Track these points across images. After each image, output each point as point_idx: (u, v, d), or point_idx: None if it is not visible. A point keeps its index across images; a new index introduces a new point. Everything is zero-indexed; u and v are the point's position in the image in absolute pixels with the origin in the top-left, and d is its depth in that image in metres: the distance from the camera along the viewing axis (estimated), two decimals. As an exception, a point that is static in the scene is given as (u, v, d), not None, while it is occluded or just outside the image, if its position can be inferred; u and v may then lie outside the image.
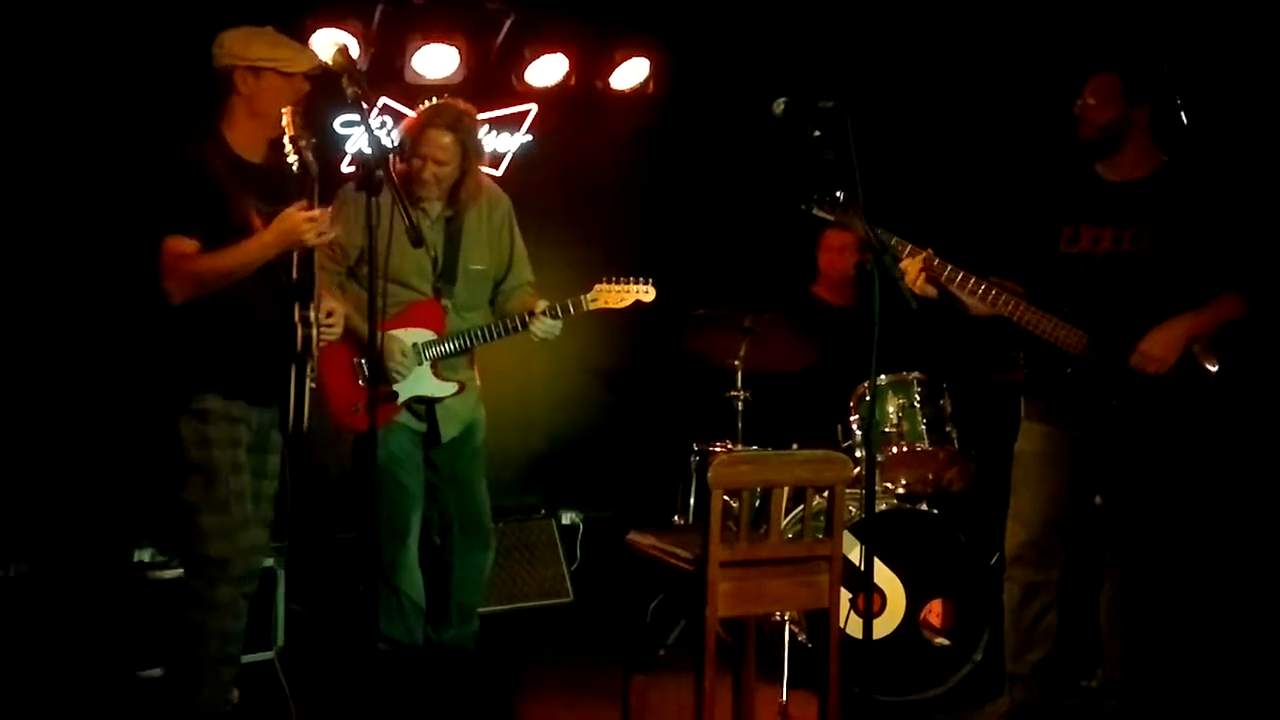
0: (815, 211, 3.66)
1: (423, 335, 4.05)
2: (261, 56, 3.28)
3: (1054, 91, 3.73)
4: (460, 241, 4.12)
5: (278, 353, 3.36)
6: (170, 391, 3.31)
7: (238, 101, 3.31)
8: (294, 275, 3.36)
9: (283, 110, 3.30)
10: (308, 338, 3.34)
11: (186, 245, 3.24)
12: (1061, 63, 3.88)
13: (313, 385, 3.43)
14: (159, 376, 3.35)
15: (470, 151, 4.02)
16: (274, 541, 3.71)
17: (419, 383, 4.05)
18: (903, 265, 3.57)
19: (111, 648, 4.13)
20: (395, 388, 4.00)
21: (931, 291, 3.61)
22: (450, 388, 4.09)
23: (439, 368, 4.08)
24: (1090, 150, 3.67)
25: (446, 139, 3.94)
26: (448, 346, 4.07)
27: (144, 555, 4.45)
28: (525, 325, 4.08)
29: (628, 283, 4.23)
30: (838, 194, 3.60)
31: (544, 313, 4.06)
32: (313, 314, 3.37)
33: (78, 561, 4.31)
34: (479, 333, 4.12)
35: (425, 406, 4.11)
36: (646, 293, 4.25)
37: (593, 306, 4.18)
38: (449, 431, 4.13)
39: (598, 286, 4.18)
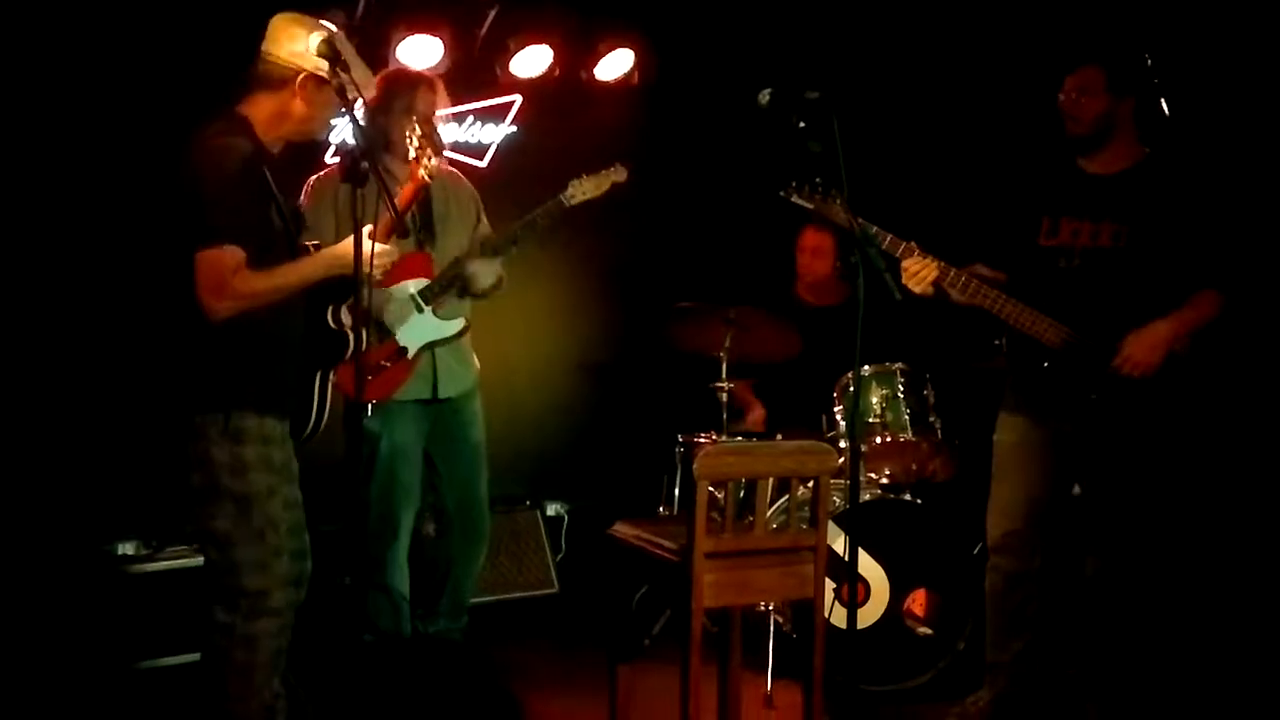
0: (794, 199, 3.66)
1: (417, 284, 4.02)
2: (318, 53, 3.03)
3: (1035, 83, 3.74)
4: (431, 200, 4.09)
5: (309, 360, 3.21)
6: (199, 410, 3.02)
7: (284, 101, 3.09)
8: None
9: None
10: (344, 338, 3.19)
11: (231, 258, 2.93)
12: (1043, 55, 3.89)
13: (334, 380, 3.29)
14: (178, 387, 3.06)
15: (443, 101, 4.07)
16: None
17: (425, 328, 4.03)
18: (907, 265, 3.58)
19: (105, 641, 4.12)
20: (402, 340, 3.98)
21: (930, 291, 3.62)
22: (457, 324, 4.08)
23: (440, 310, 4.07)
24: (1076, 145, 3.68)
25: (435, 96, 3.96)
26: (442, 284, 4.05)
27: (127, 548, 4.44)
28: (514, 241, 4.07)
29: (600, 171, 4.19)
30: (816, 181, 3.61)
31: (525, 225, 4.06)
32: (345, 315, 3.22)
33: (60, 556, 4.29)
34: (469, 252, 4.09)
35: (430, 360, 4.07)
36: (619, 173, 4.22)
37: (573, 203, 4.13)
38: (448, 389, 4.10)
39: (572, 183, 4.14)
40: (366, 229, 3.04)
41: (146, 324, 3.25)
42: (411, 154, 3.56)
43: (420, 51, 5.05)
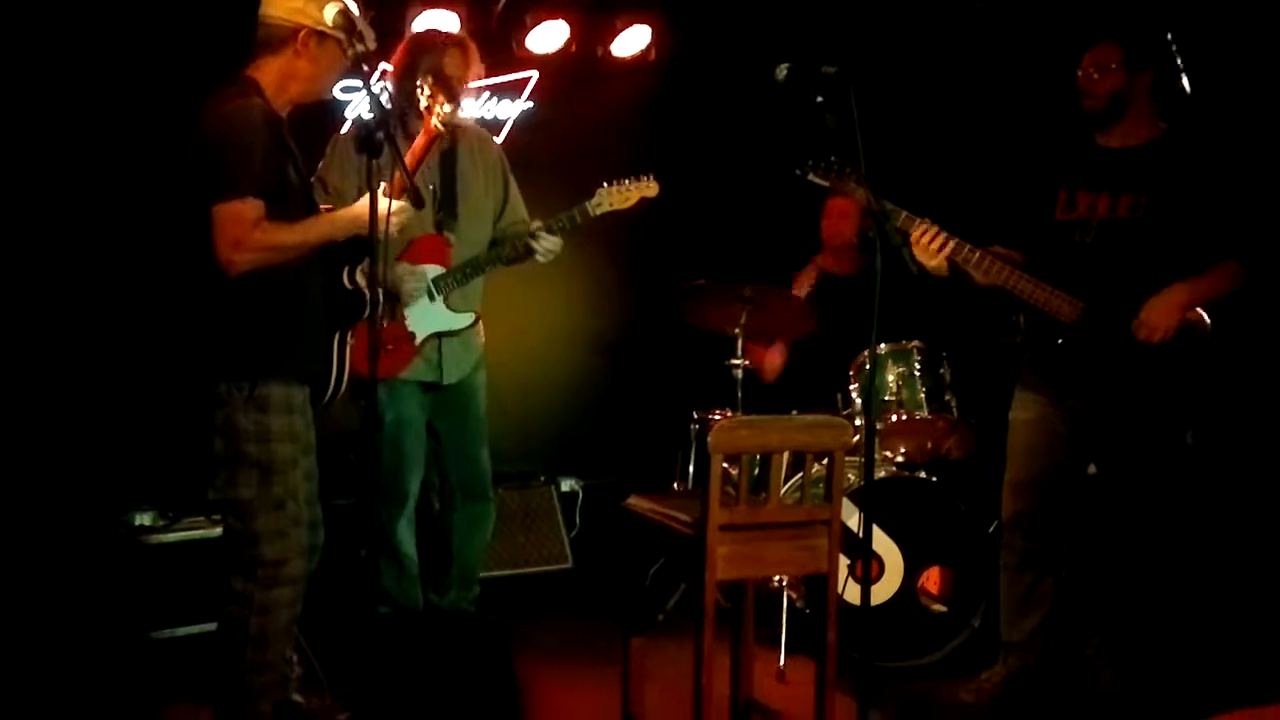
0: (811, 177, 3.66)
1: (431, 270, 4.00)
2: (334, 24, 3.03)
3: (1051, 59, 3.71)
4: (457, 172, 4.09)
5: (329, 323, 3.22)
6: (225, 377, 3.03)
7: (289, 61, 3.07)
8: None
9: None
10: (360, 297, 3.18)
11: (252, 210, 2.94)
12: (1059, 30, 3.87)
13: (352, 343, 3.28)
14: (201, 356, 3.05)
15: (472, 62, 4.00)
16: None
17: (433, 318, 4.02)
18: (916, 236, 3.57)
19: (122, 611, 4.15)
20: (411, 326, 3.98)
21: (944, 267, 3.60)
22: (466, 318, 4.07)
23: (451, 301, 4.07)
24: (1092, 120, 3.66)
25: (466, 57, 3.94)
26: (456, 279, 4.04)
27: (144, 519, 4.46)
28: (530, 249, 4.04)
29: (629, 181, 4.13)
30: (832, 159, 3.60)
31: (545, 229, 4.02)
32: (360, 276, 3.23)
33: (77, 526, 4.32)
34: (486, 259, 4.08)
35: (436, 346, 4.07)
36: (649, 187, 4.16)
37: (599, 212, 4.09)
38: (452, 374, 4.09)
39: (600, 190, 4.09)
40: (381, 186, 3.02)
41: (166, 292, 3.25)
42: (423, 104, 3.53)
43: (437, 26, 5.03)
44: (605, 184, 4.11)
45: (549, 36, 5.38)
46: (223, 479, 3.07)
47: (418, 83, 3.60)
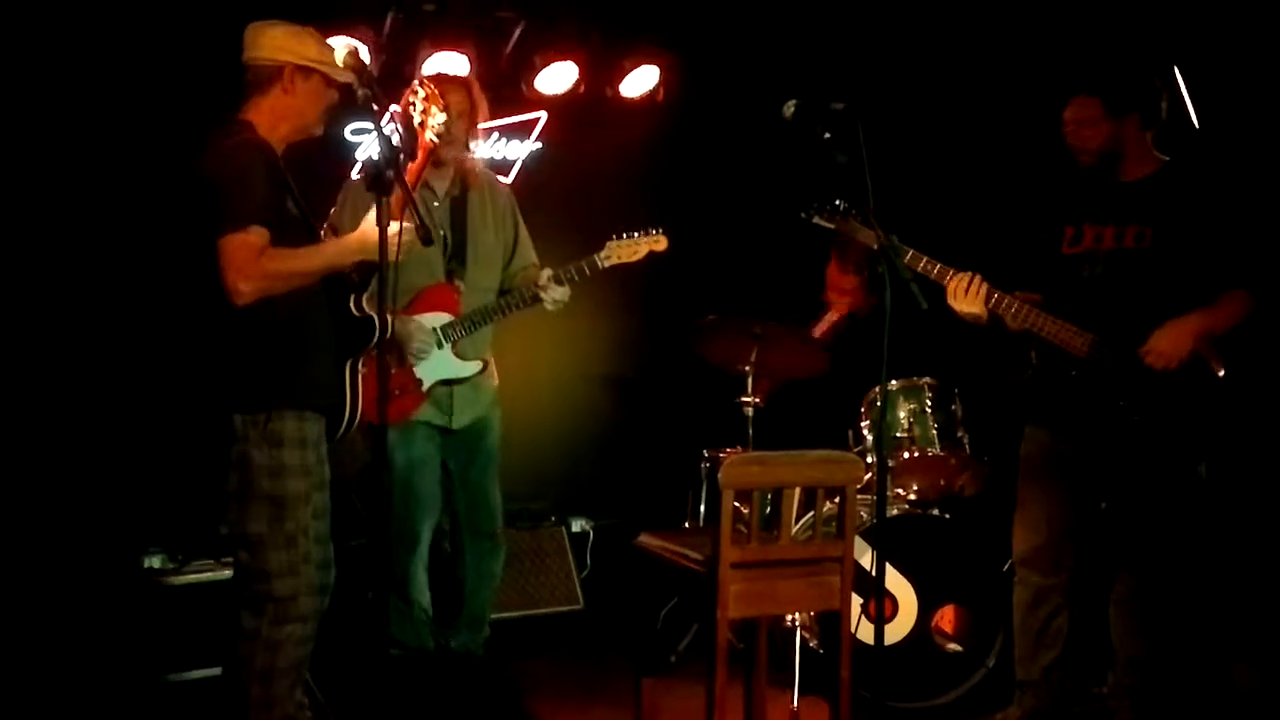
0: (816, 220, 3.67)
1: (439, 319, 4.02)
2: (314, 58, 3.12)
3: (1055, 95, 3.72)
4: (467, 219, 4.11)
5: (339, 353, 3.23)
6: (236, 409, 3.05)
7: (277, 99, 3.14)
8: (354, 272, 3.25)
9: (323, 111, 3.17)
10: (370, 324, 3.21)
11: (258, 238, 2.98)
12: (1063, 66, 3.88)
13: (364, 371, 3.29)
14: (215, 389, 3.08)
15: (477, 101, 4.05)
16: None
17: (442, 366, 4.03)
18: (951, 286, 3.57)
19: (134, 653, 4.14)
20: (418, 373, 3.99)
21: (984, 316, 3.60)
22: (475, 366, 4.08)
23: (459, 349, 4.07)
24: (1091, 170, 3.66)
25: (467, 95, 3.99)
26: (465, 328, 4.05)
27: (154, 562, 4.45)
28: (538, 298, 4.06)
29: (639, 235, 4.18)
30: (838, 203, 3.61)
31: (553, 280, 4.04)
32: (368, 304, 3.25)
33: (88, 569, 4.31)
34: (494, 309, 4.09)
35: (447, 393, 4.08)
36: (658, 241, 4.20)
37: (607, 264, 4.14)
38: (463, 419, 4.10)
39: (609, 243, 4.14)
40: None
41: (175, 329, 3.27)
42: (416, 119, 3.54)
43: (447, 68, 5.06)
44: (614, 237, 4.17)
45: (558, 78, 5.42)
46: (235, 514, 3.07)
47: (410, 100, 3.63)
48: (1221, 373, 3.50)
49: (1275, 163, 4.20)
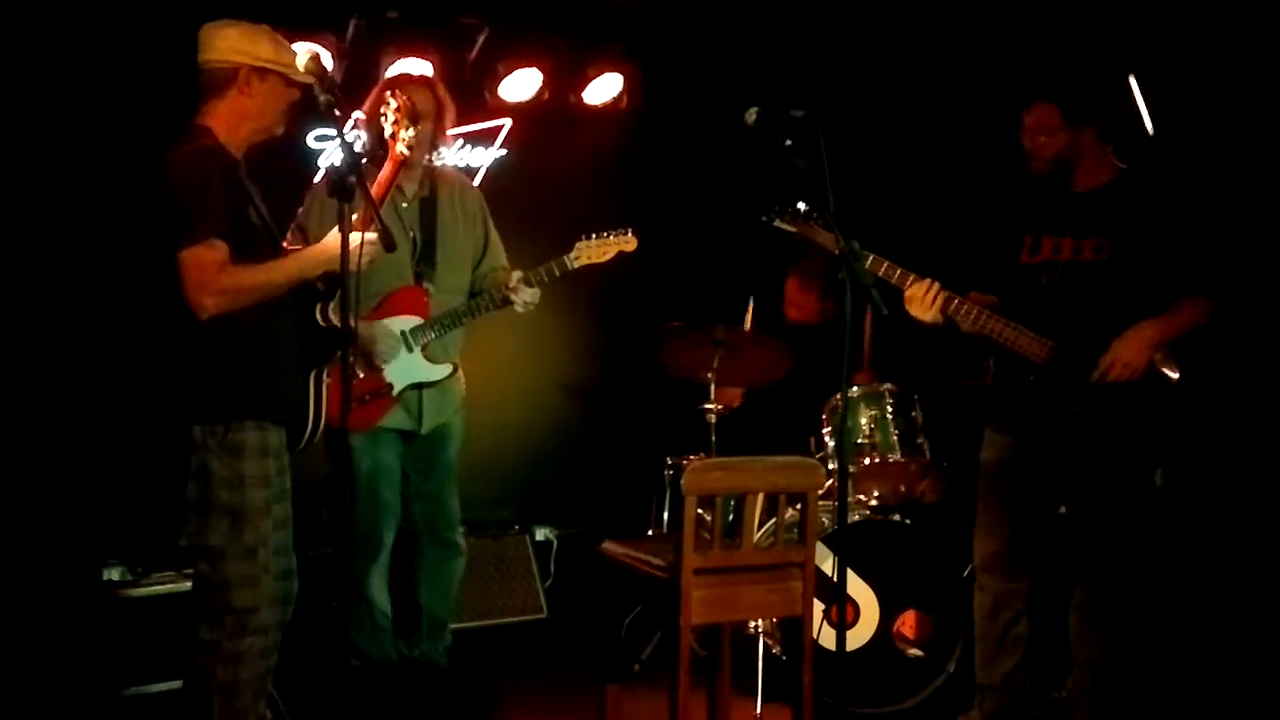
0: (777, 223, 3.68)
1: (408, 322, 4.00)
2: (270, 58, 3.08)
3: (1014, 102, 3.75)
4: (436, 220, 4.10)
5: (303, 363, 3.20)
6: (196, 420, 3.02)
7: (234, 101, 3.10)
8: (320, 282, 3.22)
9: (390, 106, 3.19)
10: (334, 333, 3.20)
11: (219, 253, 2.95)
12: (1023, 74, 3.91)
13: (329, 381, 3.26)
14: (175, 399, 3.05)
15: (443, 102, 4.04)
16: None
17: (412, 370, 4.01)
18: (909, 292, 3.59)
19: (94, 667, 4.08)
20: (389, 378, 3.96)
21: (940, 320, 3.62)
22: (445, 369, 4.06)
23: (429, 351, 4.05)
24: (1045, 178, 3.70)
25: (432, 95, 3.98)
26: (435, 330, 4.04)
27: (113, 574, 4.40)
28: (508, 300, 4.05)
29: (608, 235, 4.17)
30: (799, 206, 3.63)
31: (523, 281, 4.03)
32: (334, 314, 3.24)
33: (46, 581, 4.25)
34: (464, 311, 4.08)
35: (417, 397, 4.06)
36: (628, 242, 4.20)
37: (577, 265, 4.13)
38: (431, 423, 4.08)
39: (578, 244, 4.14)
40: (354, 217, 3.04)
41: (137, 339, 3.24)
42: (388, 131, 3.53)
43: (401, 73, 5.05)
44: (584, 237, 4.16)
45: (522, 85, 5.42)
46: (194, 525, 3.04)
47: (381, 110, 3.61)
48: (1175, 374, 3.54)
49: (1229, 168, 4.26)
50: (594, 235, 4.16)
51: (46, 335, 4.60)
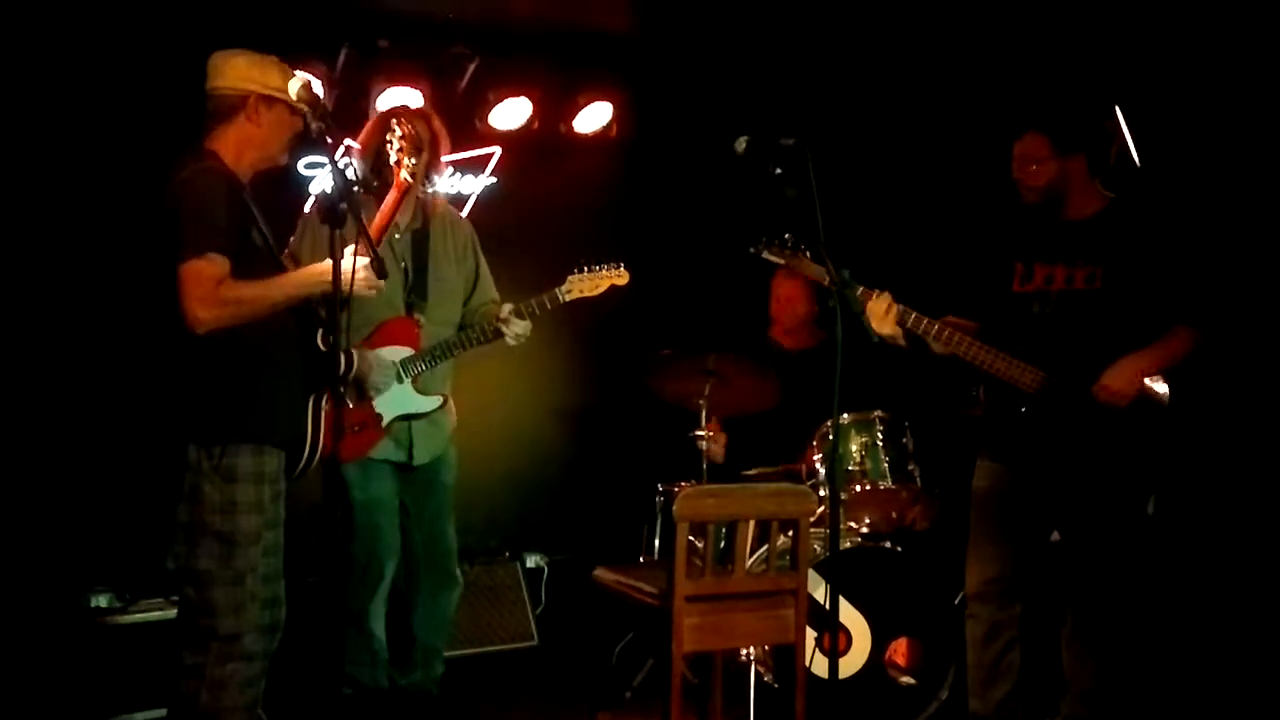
0: (765, 254, 3.70)
1: (399, 353, 3.98)
2: (279, 87, 3.11)
3: (1004, 132, 3.78)
4: (428, 252, 4.10)
5: (305, 387, 3.19)
6: (191, 440, 3.02)
7: (241, 128, 3.13)
8: (321, 308, 3.22)
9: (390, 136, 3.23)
10: (335, 361, 3.17)
11: (217, 266, 2.95)
12: (1013, 104, 3.95)
13: (327, 408, 3.25)
14: (171, 419, 3.05)
15: (439, 133, 4.04)
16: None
17: (403, 401, 3.99)
18: (868, 307, 3.60)
19: (78, 695, 4.06)
20: (378, 409, 3.96)
21: (900, 336, 3.63)
22: (435, 401, 4.04)
23: (420, 383, 4.05)
24: (1035, 207, 3.72)
25: (425, 124, 3.97)
26: (425, 362, 4.03)
27: (100, 600, 4.38)
28: (499, 332, 4.04)
29: (599, 268, 4.18)
30: (786, 236, 3.64)
31: (514, 314, 4.02)
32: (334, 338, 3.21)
33: (33, 608, 4.23)
34: (455, 343, 4.07)
35: (406, 428, 4.05)
36: (620, 276, 4.20)
37: (568, 298, 4.13)
38: (423, 455, 4.07)
39: (570, 277, 4.13)
40: (349, 249, 3.05)
41: (132, 359, 3.23)
42: (392, 158, 3.53)
43: (400, 103, 5.07)
44: (575, 270, 4.16)
45: (512, 113, 5.45)
46: (183, 548, 3.03)
47: (387, 138, 3.61)
48: (1166, 401, 3.55)
49: (1215, 198, 4.29)
50: (586, 268, 4.17)
51: (39, 354, 4.59)
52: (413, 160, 3.51)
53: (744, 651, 4.02)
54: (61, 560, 4.48)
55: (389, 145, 3.55)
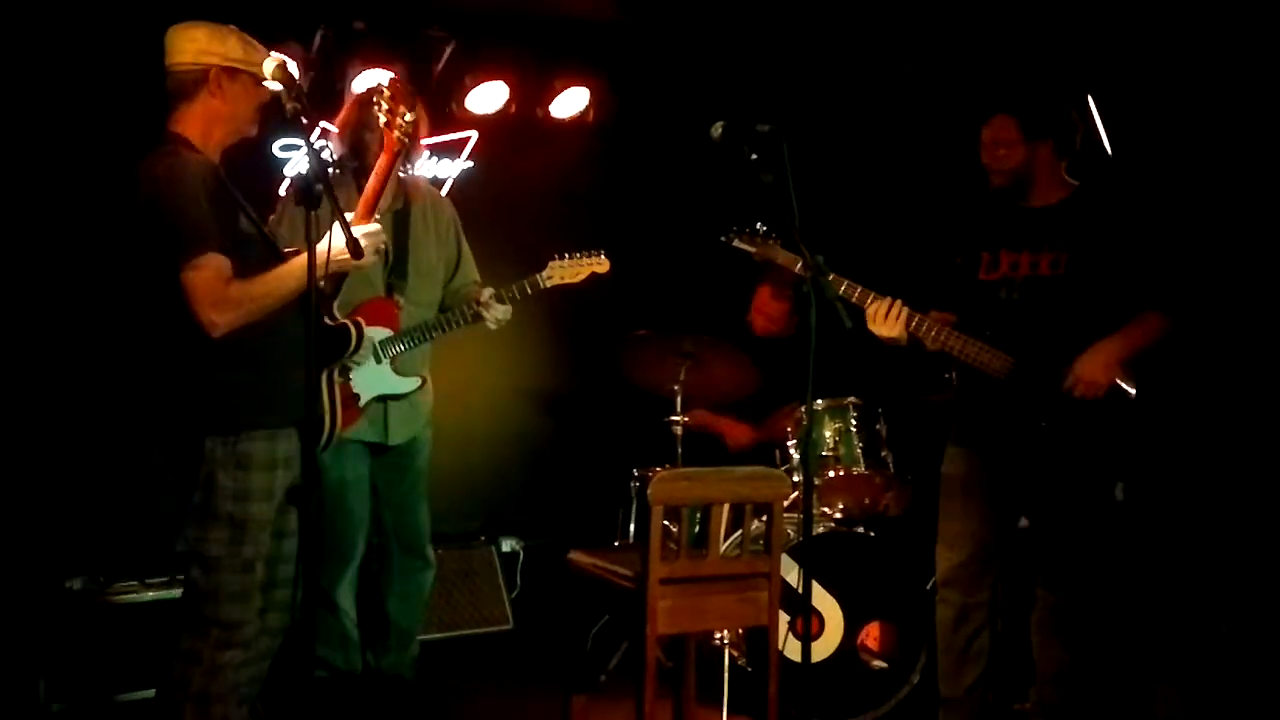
0: (736, 244, 3.71)
1: (379, 333, 3.95)
2: (240, 58, 3.02)
3: (972, 119, 3.80)
4: (409, 235, 4.09)
5: (315, 361, 3.08)
6: (209, 431, 2.99)
7: (205, 103, 3.04)
8: (325, 284, 3.18)
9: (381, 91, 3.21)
10: (345, 332, 3.21)
11: (220, 268, 2.90)
12: (981, 94, 3.96)
13: (340, 381, 3.23)
14: (185, 409, 3.01)
15: (419, 115, 3.97)
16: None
17: (380, 381, 3.98)
18: (871, 310, 3.61)
19: (80, 674, 4.10)
20: (356, 388, 3.95)
21: (904, 337, 3.65)
22: (413, 382, 4.03)
23: (398, 364, 4.05)
24: (1002, 192, 3.74)
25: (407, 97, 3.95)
26: (405, 343, 4.02)
27: (74, 584, 4.37)
28: (479, 316, 4.04)
29: (581, 256, 4.19)
30: (758, 225, 3.65)
31: (495, 298, 4.03)
32: (338, 312, 3.28)
33: (12, 591, 4.22)
34: (435, 325, 4.07)
35: (382, 409, 4.04)
36: (600, 264, 4.21)
37: (549, 284, 4.13)
38: (398, 436, 4.06)
39: (551, 263, 4.14)
40: (350, 216, 3.03)
41: (134, 351, 3.21)
42: (382, 120, 3.49)
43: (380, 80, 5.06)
44: (556, 256, 4.16)
45: (488, 97, 5.43)
46: (194, 532, 3.02)
47: (374, 104, 3.57)
48: (1133, 392, 3.58)
49: (1184, 185, 4.32)
50: (567, 255, 4.17)
51: (44, 344, 4.59)
52: (405, 119, 3.45)
53: (717, 635, 4.05)
54: (40, 545, 4.46)
55: (377, 108, 3.50)
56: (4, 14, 4.43)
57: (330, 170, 3.21)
